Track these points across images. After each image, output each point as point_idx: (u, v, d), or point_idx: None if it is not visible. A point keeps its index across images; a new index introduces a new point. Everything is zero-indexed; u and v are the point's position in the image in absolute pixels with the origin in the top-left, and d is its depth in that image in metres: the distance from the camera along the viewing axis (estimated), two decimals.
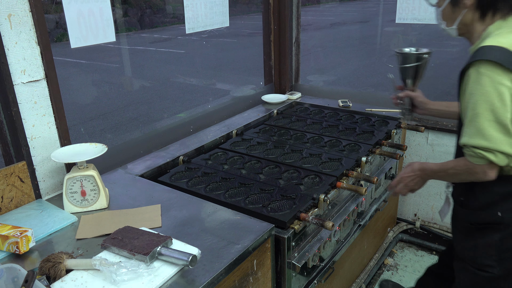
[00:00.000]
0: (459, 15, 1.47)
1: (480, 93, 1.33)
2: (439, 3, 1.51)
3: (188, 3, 2.40)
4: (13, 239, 1.38)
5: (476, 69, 1.34)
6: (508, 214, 1.48)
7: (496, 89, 1.31)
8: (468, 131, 1.38)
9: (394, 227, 3.13)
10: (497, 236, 1.51)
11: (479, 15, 1.44)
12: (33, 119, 1.70)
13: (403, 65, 1.92)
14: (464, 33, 1.53)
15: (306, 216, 1.67)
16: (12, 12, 1.56)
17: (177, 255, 1.28)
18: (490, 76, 1.31)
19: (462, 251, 1.66)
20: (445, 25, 1.55)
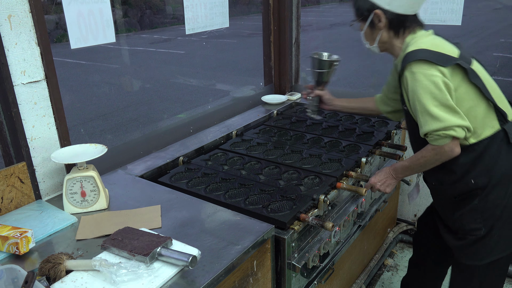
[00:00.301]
0: (377, 35, 1.76)
1: (420, 87, 1.57)
2: (360, 28, 1.80)
3: (188, 4, 2.40)
4: (13, 240, 1.38)
5: (409, 70, 1.60)
6: (479, 179, 1.68)
7: (431, 80, 1.56)
8: (424, 121, 1.59)
9: (394, 227, 3.13)
10: (476, 201, 1.70)
11: (393, 34, 1.74)
12: (33, 120, 1.70)
13: (318, 70, 2.23)
14: (386, 49, 1.82)
15: (306, 216, 1.67)
16: (12, 13, 1.56)
17: (177, 256, 1.28)
18: (422, 72, 1.57)
19: (453, 224, 1.84)
20: (368, 44, 1.83)
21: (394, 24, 1.71)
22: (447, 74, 1.57)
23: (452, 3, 2.53)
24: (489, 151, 1.65)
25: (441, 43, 1.67)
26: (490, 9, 13.95)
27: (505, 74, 7.76)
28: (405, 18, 1.70)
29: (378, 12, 1.69)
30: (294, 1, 3.14)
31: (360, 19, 1.77)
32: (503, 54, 9.08)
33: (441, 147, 1.60)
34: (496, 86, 1.73)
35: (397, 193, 3.01)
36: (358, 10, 1.76)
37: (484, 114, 1.64)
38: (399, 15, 1.68)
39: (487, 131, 1.64)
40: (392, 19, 1.69)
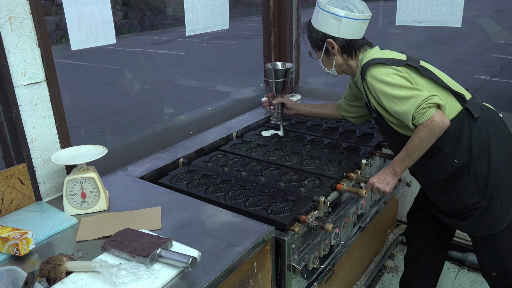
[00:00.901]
0: (333, 60, 1.97)
1: (384, 84, 1.73)
2: (318, 56, 2.02)
3: (188, 6, 2.41)
4: (13, 241, 1.38)
5: (369, 75, 1.78)
6: (460, 157, 1.80)
7: (390, 76, 1.73)
8: (403, 107, 1.69)
9: (395, 229, 3.12)
10: (466, 176, 1.81)
11: (347, 56, 1.95)
12: (34, 121, 1.71)
13: (277, 79, 2.39)
14: (344, 71, 2.02)
15: (306, 218, 1.67)
16: (12, 15, 1.56)
17: (177, 257, 1.28)
18: (380, 72, 1.75)
19: (451, 207, 1.92)
20: (326, 69, 2.03)
21: (346, 48, 1.92)
22: (402, 71, 1.76)
23: (452, 5, 2.54)
24: (459, 129, 1.78)
25: (389, 53, 1.88)
26: (490, 10, 13.96)
27: (505, 76, 7.77)
28: (354, 41, 1.92)
29: (330, 40, 1.91)
30: (294, 2, 3.15)
31: (316, 48, 2.00)
32: (503, 56, 9.09)
33: (432, 121, 1.66)
34: (447, 76, 1.90)
35: None
36: (313, 42, 1.98)
37: (445, 99, 1.78)
38: (348, 40, 1.90)
39: (452, 113, 1.79)
40: (343, 45, 1.91)
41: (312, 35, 1.97)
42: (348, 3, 1.88)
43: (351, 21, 1.86)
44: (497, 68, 5.60)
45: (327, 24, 1.89)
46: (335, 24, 1.87)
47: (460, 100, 1.81)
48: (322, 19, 1.90)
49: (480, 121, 1.81)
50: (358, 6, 1.88)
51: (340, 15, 1.85)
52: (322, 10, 1.89)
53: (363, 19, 1.88)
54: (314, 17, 1.96)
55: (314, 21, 1.96)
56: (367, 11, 1.91)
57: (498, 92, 6.93)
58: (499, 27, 11.27)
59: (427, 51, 9.41)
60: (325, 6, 1.87)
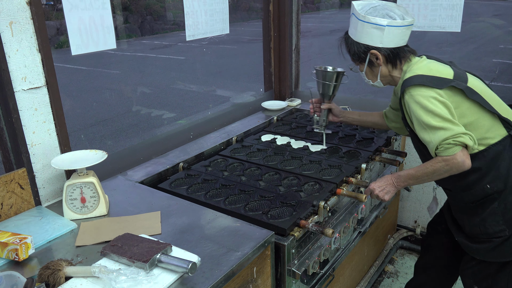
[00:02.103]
0: (378, 72, 1.89)
1: (420, 108, 1.67)
2: (360, 69, 1.94)
3: (188, 11, 2.41)
4: (13, 246, 1.37)
5: (408, 94, 1.72)
6: (494, 184, 1.73)
7: (429, 100, 1.66)
8: (430, 136, 1.66)
9: (395, 234, 3.12)
10: (496, 203, 1.74)
11: (392, 67, 1.87)
12: (34, 126, 1.71)
13: (325, 82, 2.26)
14: (388, 82, 1.94)
15: (306, 223, 1.67)
16: (13, 20, 1.57)
17: (177, 262, 1.28)
18: (420, 94, 1.67)
19: (472, 229, 1.85)
20: (371, 82, 1.95)
21: (391, 58, 1.84)
22: (444, 95, 1.67)
23: (451, 10, 2.55)
24: (500, 156, 1.71)
25: (435, 67, 1.77)
26: (489, 15, 14.01)
27: (504, 80, 7.78)
28: (398, 49, 1.83)
29: (373, 51, 1.83)
30: (294, 7, 3.16)
31: (358, 61, 1.91)
32: (502, 60, 9.11)
33: (453, 157, 1.62)
34: (496, 97, 1.80)
35: (397, 199, 3.01)
36: (355, 55, 1.90)
37: (490, 124, 1.71)
38: (392, 49, 1.82)
39: (496, 138, 1.71)
40: (388, 54, 1.83)
41: (353, 48, 1.88)
42: (387, 11, 1.81)
43: (394, 28, 1.78)
44: (497, 73, 5.62)
45: (369, 35, 1.81)
46: (377, 34, 1.80)
47: (507, 126, 1.73)
48: (362, 31, 1.82)
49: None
50: (397, 12, 1.81)
51: (382, 24, 1.77)
52: (361, 21, 1.81)
53: (407, 25, 1.80)
54: (352, 29, 1.88)
55: (352, 33, 1.88)
56: (408, 15, 1.83)
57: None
58: (497, 32, 11.31)
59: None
60: (364, 17, 1.79)
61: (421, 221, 3.07)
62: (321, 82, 2.27)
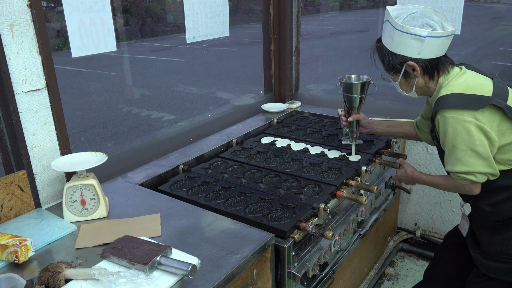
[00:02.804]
0: (413, 83, 1.79)
1: (451, 132, 1.62)
2: (394, 79, 1.84)
3: (188, 13, 2.42)
4: (12, 248, 1.37)
5: (442, 114, 1.65)
6: None
7: (462, 126, 1.59)
8: (450, 160, 1.67)
9: (395, 236, 3.12)
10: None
11: (428, 78, 1.77)
12: (34, 128, 1.71)
13: (350, 95, 2.17)
14: (423, 93, 1.85)
15: (306, 225, 1.67)
16: (14, 22, 1.57)
17: (177, 264, 1.28)
18: (454, 117, 1.61)
19: (491, 246, 1.80)
20: (405, 92, 1.87)
21: (429, 69, 1.74)
22: (481, 118, 1.59)
23: (451, 13, 2.55)
24: None
25: (473, 83, 1.67)
26: (489, 17, 14.03)
27: None
28: (437, 60, 1.73)
29: (411, 63, 1.72)
30: (294, 10, 3.17)
31: (393, 72, 1.81)
32: (502, 63, 9.12)
33: (462, 186, 1.70)
34: None
35: (397, 201, 3.01)
36: (389, 66, 1.79)
37: None
38: (430, 60, 1.72)
39: None
40: (426, 66, 1.73)
41: (388, 59, 1.78)
42: (427, 19, 1.69)
43: (435, 39, 1.66)
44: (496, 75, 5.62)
45: (406, 45, 1.70)
46: (416, 45, 1.68)
47: None
48: (399, 41, 1.71)
49: None
50: (436, 19, 1.70)
51: (422, 35, 1.65)
52: (398, 31, 1.69)
53: (448, 35, 1.68)
54: (387, 38, 1.77)
55: (387, 43, 1.77)
56: (449, 23, 1.70)
57: None
58: (495, 35, 11.32)
59: None
60: (402, 27, 1.67)
61: (421, 224, 3.07)
62: (346, 95, 2.18)
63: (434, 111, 1.68)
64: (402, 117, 2.66)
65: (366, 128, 2.28)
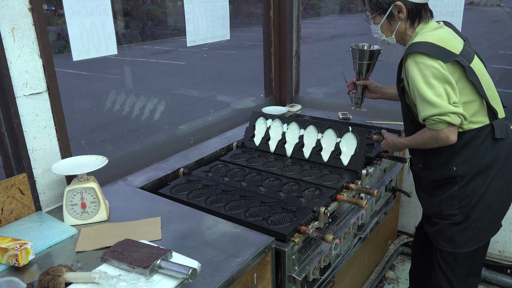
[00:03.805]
0: (395, 27, 1.81)
1: (420, 76, 1.66)
2: (377, 21, 1.84)
3: (189, 17, 2.43)
4: (13, 252, 1.37)
5: (412, 59, 1.68)
6: (460, 167, 1.78)
7: (430, 70, 1.64)
8: (422, 107, 1.68)
9: (395, 239, 3.11)
10: (456, 188, 1.81)
11: (410, 24, 1.79)
12: (34, 131, 1.71)
13: (361, 61, 2.23)
14: (400, 40, 1.87)
15: (307, 229, 1.67)
16: (15, 26, 1.58)
17: (177, 268, 1.27)
18: (423, 62, 1.65)
19: (429, 209, 1.94)
20: (384, 36, 1.88)
21: (413, 14, 1.76)
22: (446, 69, 1.66)
23: (451, 17, 2.56)
24: (475, 141, 1.75)
25: (446, 38, 1.73)
26: (489, 21, 14.06)
27: (504, 86, 7.79)
28: (422, 6, 1.76)
29: (398, 3, 1.74)
30: (294, 13, 3.17)
31: (377, 12, 1.81)
32: (502, 66, 9.13)
33: (438, 132, 1.69)
34: (492, 84, 1.82)
35: (397, 205, 3.00)
36: (376, 4, 1.79)
37: (477, 109, 1.74)
38: (417, 4, 1.74)
39: (478, 124, 1.75)
40: (411, 9, 1.75)
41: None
42: None
43: None
44: (496, 79, 5.61)
45: None
46: None
47: (491, 115, 1.76)
48: None
49: (498, 143, 1.77)
50: None
51: None
52: None
53: None
54: None
55: None
56: None
57: None
58: (497, 38, 11.34)
59: None
60: None
61: None
62: (357, 62, 2.24)
63: (405, 54, 1.72)
64: (398, 119, 2.66)
65: (375, 92, 2.30)
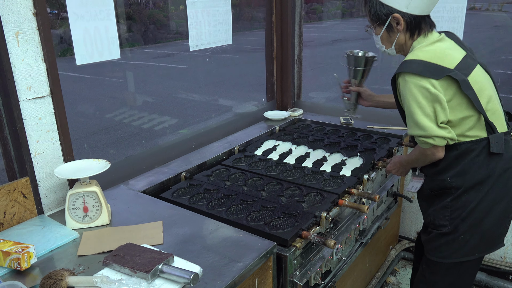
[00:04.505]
0: (395, 38, 1.81)
1: (410, 95, 1.68)
2: (377, 32, 1.84)
3: (192, 22, 2.44)
4: (15, 255, 1.38)
5: (403, 78, 1.70)
6: (454, 179, 1.78)
7: (420, 91, 1.66)
8: (409, 125, 1.74)
9: (396, 245, 3.11)
10: (449, 199, 1.81)
11: (409, 35, 1.79)
12: (37, 135, 1.72)
13: (355, 67, 2.23)
14: (400, 51, 1.87)
15: (308, 234, 1.67)
16: (19, 30, 1.59)
17: (179, 273, 1.28)
18: (414, 82, 1.66)
19: (426, 217, 1.95)
20: (384, 47, 1.88)
21: (412, 26, 1.76)
22: (438, 87, 1.65)
23: (452, 22, 2.56)
24: (470, 154, 1.75)
25: (442, 53, 1.72)
26: (490, 26, 14.07)
27: (506, 91, 7.79)
28: (421, 19, 1.76)
29: (396, 15, 1.74)
30: (296, 18, 3.18)
31: (377, 24, 1.81)
32: (504, 71, 9.13)
33: (425, 150, 1.76)
34: (495, 97, 1.80)
35: (398, 210, 3.00)
36: (375, 16, 1.80)
37: (473, 124, 1.73)
38: (416, 16, 1.74)
39: (474, 136, 1.74)
40: (410, 21, 1.75)
41: (375, 8, 1.77)
42: None
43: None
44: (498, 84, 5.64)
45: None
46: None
47: (489, 130, 1.73)
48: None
49: (494, 158, 1.73)
50: None
51: None
52: None
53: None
54: None
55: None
56: None
57: None
58: (499, 43, 11.34)
59: None
60: None
61: None
62: (352, 69, 2.24)
63: (398, 71, 1.73)
64: (400, 125, 2.68)
65: (368, 100, 2.31)
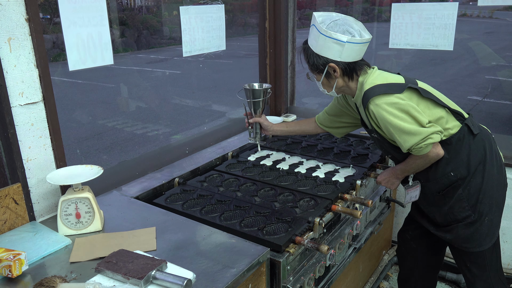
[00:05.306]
0: (334, 83, 1.96)
1: (388, 115, 1.79)
2: (318, 79, 1.99)
3: (185, 27, 2.44)
4: (6, 262, 1.36)
5: (373, 104, 1.82)
6: (457, 171, 1.90)
7: (394, 106, 1.78)
8: (402, 140, 1.80)
9: (390, 250, 3.12)
10: (460, 190, 1.91)
11: (348, 79, 1.94)
12: (30, 141, 1.71)
13: (254, 100, 2.37)
14: (343, 92, 2.03)
15: (302, 239, 1.67)
16: (12, 36, 1.58)
17: (172, 279, 1.27)
18: (384, 101, 1.80)
19: (443, 218, 2.02)
20: (326, 91, 2.03)
21: (348, 71, 1.91)
22: (405, 98, 1.81)
23: (444, 29, 2.59)
24: (461, 145, 1.88)
25: (388, 76, 1.91)
26: (481, 33, 14.24)
27: (497, 97, 7.87)
28: (355, 64, 1.92)
29: (332, 65, 1.89)
30: (289, 25, 3.20)
31: (316, 72, 1.97)
32: (495, 77, 9.24)
33: (427, 155, 1.83)
34: (445, 96, 1.98)
35: (391, 215, 3.01)
36: (314, 66, 1.95)
37: (446, 119, 1.88)
38: (349, 63, 1.90)
39: (454, 129, 1.88)
40: (345, 68, 1.90)
41: (312, 60, 1.92)
42: (347, 27, 1.85)
43: (353, 45, 1.84)
44: (489, 90, 5.71)
45: (329, 49, 1.85)
46: (337, 49, 1.84)
47: (459, 118, 1.90)
48: (323, 44, 1.86)
49: (478, 138, 1.91)
50: (355, 27, 1.86)
51: (342, 40, 1.81)
52: (322, 35, 1.84)
53: (365, 42, 1.87)
54: (313, 41, 1.90)
55: (313, 45, 1.91)
56: (366, 32, 1.88)
57: (490, 113, 7.01)
58: (489, 50, 11.48)
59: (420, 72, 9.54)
60: (326, 32, 1.82)
61: None
62: (251, 101, 2.38)
63: (366, 103, 1.85)
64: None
65: (267, 130, 2.45)
